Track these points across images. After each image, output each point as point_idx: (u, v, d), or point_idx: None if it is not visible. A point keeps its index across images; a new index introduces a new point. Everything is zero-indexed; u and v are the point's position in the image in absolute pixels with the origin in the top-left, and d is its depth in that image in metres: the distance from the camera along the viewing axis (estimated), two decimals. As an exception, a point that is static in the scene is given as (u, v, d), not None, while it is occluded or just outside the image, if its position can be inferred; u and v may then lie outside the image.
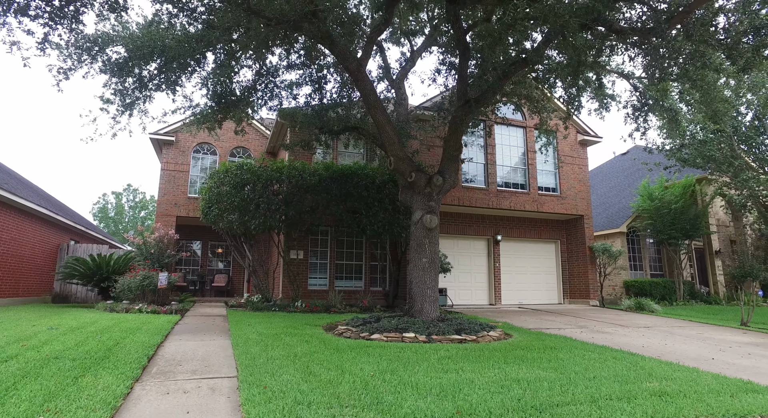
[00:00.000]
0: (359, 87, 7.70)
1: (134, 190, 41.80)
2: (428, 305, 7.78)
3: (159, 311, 9.21)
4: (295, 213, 10.87)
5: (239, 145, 16.46)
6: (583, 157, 15.36)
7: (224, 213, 11.05)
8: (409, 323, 7.28)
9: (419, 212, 7.93)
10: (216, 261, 18.39)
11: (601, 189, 22.46)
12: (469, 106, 7.40)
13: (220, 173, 11.38)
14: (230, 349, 5.69)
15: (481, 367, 4.77)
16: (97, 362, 4.44)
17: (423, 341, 6.48)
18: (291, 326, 7.65)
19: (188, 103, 9.67)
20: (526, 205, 14.24)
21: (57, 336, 5.89)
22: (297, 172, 10.97)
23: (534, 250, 15.46)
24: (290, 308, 10.86)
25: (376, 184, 11.30)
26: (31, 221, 13.64)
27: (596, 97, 9.58)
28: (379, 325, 7.21)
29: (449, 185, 8.06)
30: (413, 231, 8.00)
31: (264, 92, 10.18)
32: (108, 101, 8.30)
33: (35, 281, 14.16)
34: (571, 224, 15.38)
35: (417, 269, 7.85)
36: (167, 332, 6.69)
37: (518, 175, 14.68)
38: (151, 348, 5.33)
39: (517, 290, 14.90)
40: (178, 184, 15.52)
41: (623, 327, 8.91)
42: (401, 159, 7.96)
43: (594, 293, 14.32)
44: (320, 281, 12.70)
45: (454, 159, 8.04)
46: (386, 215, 11.43)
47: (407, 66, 10.81)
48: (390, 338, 6.62)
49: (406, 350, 5.63)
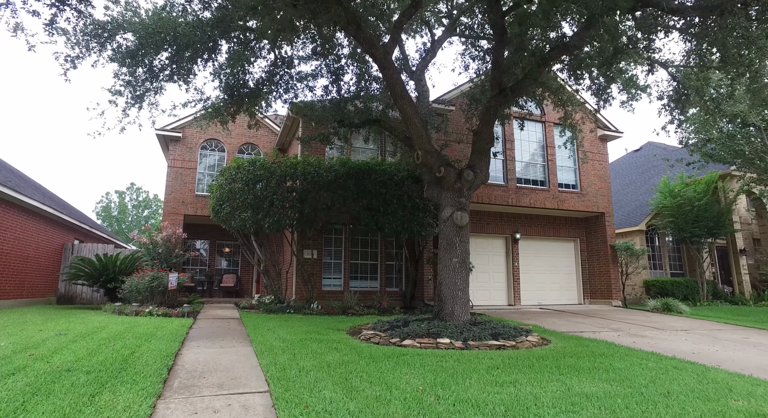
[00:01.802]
0: (385, 76, 7.23)
1: (137, 188, 41.37)
2: (459, 308, 7.32)
3: (170, 314, 8.76)
4: (311, 211, 10.41)
5: (248, 141, 16.00)
6: (604, 153, 14.88)
7: (236, 211, 10.59)
8: (441, 328, 6.82)
9: (449, 209, 7.46)
10: (224, 261, 17.94)
11: (615, 186, 21.96)
12: (504, 95, 6.93)
13: (231, 169, 10.92)
14: (254, 357, 5.23)
15: (538, 379, 4.30)
16: (113, 376, 3.98)
17: (459, 348, 6.02)
18: (313, 331, 7.19)
19: (199, 95, 9.22)
20: (546, 203, 13.77)
21: (67, 344, 5.44)
22: (312, 168, 10.50)
23: (553, 248, 14.99)
24: (305, 309, 10.41)
25: (395, 180, 10.84)
26: (35, 220, 13.20)
27: (626, 88, 9.10)
28: (408, 330, 6.75)
29: (480, 180, 7.59)
30: (442, 229, 7.54)
31: (279, 84, 9.71)
32: (118, 93, 7.84)
33: (40, 282, 13.72)
34: (590, 222, 14.91)
35: (447, 269, 7.39)
36: (183, 338, 6.23)
37: (538, 171, 14.21)
38: (169, 357, 4.87)
39: (536, 290, 14.44)
40: (186, 181, 15.07)
41: (659, 330, 8.44)
42: (429, 153, 7.49)
43: (616, 293, 13.85)
44: (335, 282, 12.24)
45: (485, 152, 7.57)
46: (405, 213, 10.97)
47: (427, 57, 10.33)
48: (424, 345, 6.16)
49: (446, 359, 5.17)
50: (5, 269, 11.64)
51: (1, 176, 12.01)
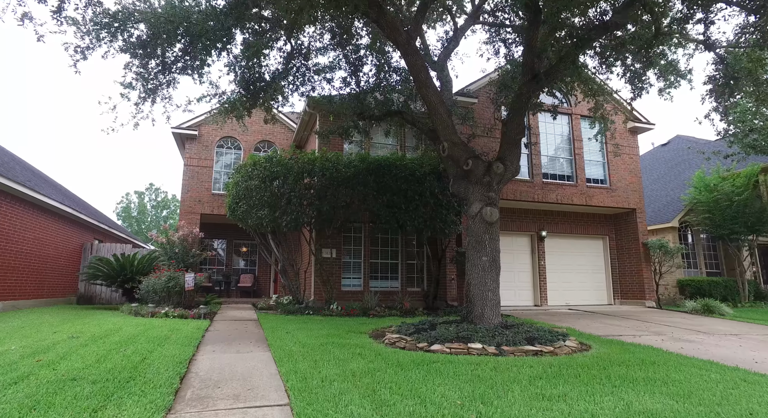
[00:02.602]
0: (408, 62, 6.79)
1: (156, 189, 41.79)
2: (489, 310, 6.85)
3: (186, 316, 8.49)
4: (330, 208, 10.03)
5: (264, 138, 15.74)
6: (634, 146, 14.15)
7: (253, 209, 10.29)
8: (471, 331, 6.36)
9: (477, 204, 6.98)
10: (241, 260, 17.75)
11: (643, 182, 21.07)
12: (537, 80, 6.41)
13: (247, 166, 10.62)
14: (273, 364, 4.85)
15: (590, 392, 3.81)
16: (120, 386, 3.64)
17: (493, 353, 5.55)
18: (334, 334, 6.80)
19: (215, 90, 8.94)
20: (573, 199, 13.14)
21: (77, 348, 5.15)
22: (331, 164, 10.12)
23: (580, 246, 14.34)
24: (324, 310, 10.05)
25: (416, 176, 10.38)
26: (55, 220, 13.16)
27: (665, 74, 8.46)
28: (436, 333, 6.30)
29: (511, 173, 7.09)
30: (470, 226, 7.06)
31: (295, 77, 9.37)
32: (130, 86, 7.58)
33: (60, 282, 13.70)
34: (620, 219, 14.20)
35: (476, 268, 6.92)
36: (198, 342, 5.91)
37: (564, 166, 13.58)
38: (182, 364, 4.53)
39: (564, 290, 13.81)
40: (202, 180, 14.88)
41: (706, 334, 7.81)
42: (456, 144, 7.03)
43: (650, 293, 13.13)
44: (354, 282, 11.85)
45: (515, 143, 7.07)
46: (427, 210, 10.51)
47: (450, 46, 9.84)
48: (454, 350, 5.71)
49: (481, 367, 4.70)
50: (25, 269, 11.59)
51: (22, 176, 11.97)
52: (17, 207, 11.07)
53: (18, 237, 11.15)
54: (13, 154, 15.71)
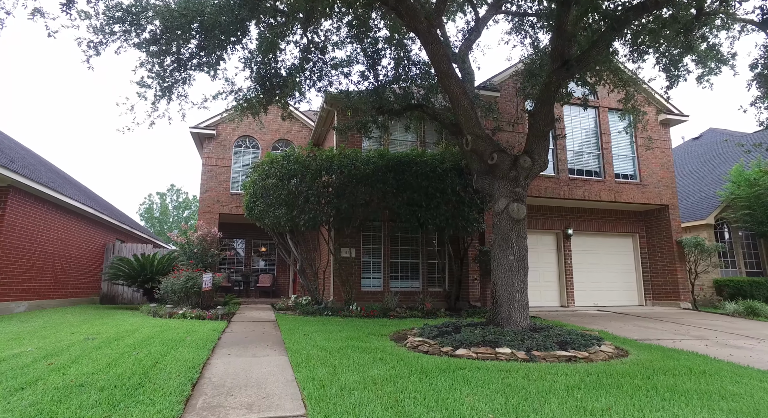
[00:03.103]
0: (429, 52, 6.46)
1: (177, 190, 42.42)
2: (517, 312, 6.47)
3: (204, 316, 8.36)
4: (348, 206, 9.77)
5: (282, 137, 15.62)
6: (666, 139, 13.46)
7: (270, 208, 10.12)
8: (498, 334, 6.00)
9: (503, 201, 6.61)
10: (260, 260, 17.70)
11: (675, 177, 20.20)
12: (567, 68, 6.00)
13: (264, 164, 10.46)
14: (289, 370, 4.61)
15: (636, 406, 3.43)
16: (129, 394, 3.44)
17: (523, 359, 5.19)
18: (353, 337, 6.53)
19: (230, 86, 8.79)
20: (601, 195, 12.57)
21: (90, 351, 5.01)
22: (349, 161, 9.87)
23: (609, 245, 13.73)
24: (344, 311, 9.80)
25: (437, 172, 10.04)
26: (77, 220, 13.30)
27: (705, 59, 7.89)
28: (461, 337, 5.96)
29: (539, 167, 6.69)
30: (496, 223, 6.70)
31: (312, 72, 9.14)
32: (145, 85, 7.47)
33: (83, 282, 13.85)
34: (651, 216, 13.54)
35: (502, 268, 6.55)
36: (214, 345, 5.72)
37: (591, 161, 13.01)
38: (195, 369, 4.32)
39: (591, 290, 13.25)
40: (220, 179, 14.85)
41: (756, 339, 7.24)
42: (480, 138, 6.67)
43: (684, 294, 12.45)
44: (374, 282, 11.58)
45: (543, 136, 6.66)
46: (449, 208, 10.16)
47: (471, 37, 9.46)
48: (480, 355, 5.36)
49: (512, 374, 4.35)
50: (49, 268, 11.72)
51: (46, 177, 12.11)
52: (41, 208, 11.18)
53: (42, 237, 11.27)
54: (40, 156, 16.00)
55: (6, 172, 9.21)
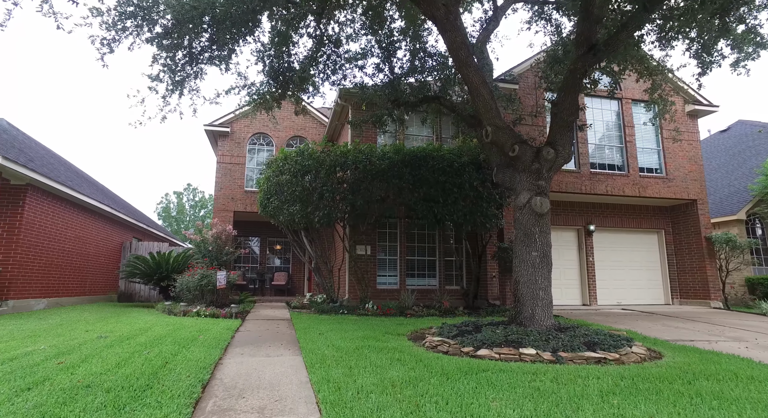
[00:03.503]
0: (447, 40, 6.19)
1: (194, 189, 42.87)
2: (541, 311, 6.17)
3: (218, 315, 8.25)
4: (363, 202, 9.57)
5: (296, 134, 15.50)
6: (694, 131, 12.91)
7: (284, 205, 9.97)
8: (521, 334, 5.72)
9: (525, 194, 6.31)
10: (275, 258, 17.64)
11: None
12: (594, 52, 5.67)
13: (278, 161, 10.31)
14: (304, 370, 4.41)
15: (682, 416, 3.13)
16: (135, 396, 3.28)
17: (549, 361, 4.90)
18: (370, 336, 6.31)
19: (243, 81, 8.66)
20: (625, 189, 12.11)
21: (101, 350, 4.90)
22: (364, 156, 9.65)
23: (632, 241, 13.26)
24: (359, 310, 9.61)
25: (455, 167, 9.75)
26: (95, 218, 13.40)
27: (741, 44, 7.42)
28: (482, 336, 5.70)
29: (563, 159, 6.37)
30: (518, 218, 6.40)
31: (326, 65, 8.94)
32: (157, 79, 7.37)
33: (101, 280, 13.96)
34: (678, 211, 13.01)
35: (525, 265, 6.25)
36: (227, 344, 5.57)
37: (614, 154, 12.55)
38: (206, 370, 4.15)
39: (615, 289, 12.81)
40: (235, 177, 14.80)
41: (795, 340, 6.79)
42: (500, 129, 6.37)
43: (715, 292, 11.92)
44: (390, 280, 11.36)
45: (567, 126, 6.34)
46: (467, 203, 9.86)
47: (489, 27, 9.14)
48: (504, 356, 5.09)
49: (540, 377, 4.08)
50: (68, 266, 11.81)
51: (65, 176, 12.21)
52: (59, 206, 11.25)
53: (60, 235, 11.34)
54: (59, 156, 16.18)
55: (24, 170, 9.25)
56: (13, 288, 9.45)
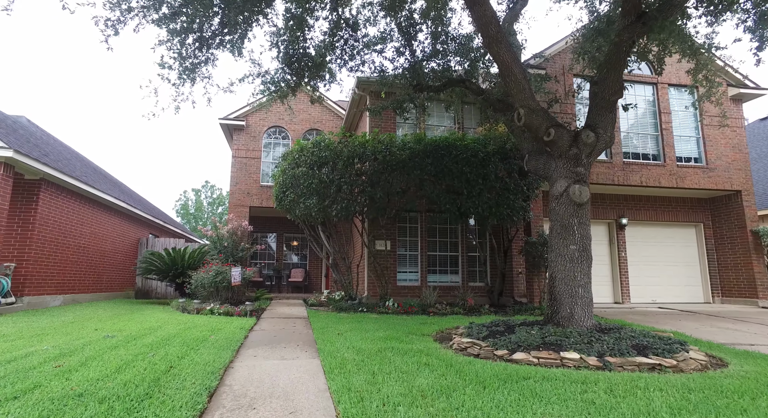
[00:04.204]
0: (475, 15, 5.66)
1: (212, 186, 43.08)
2: (580, 310, 5.61)
3: (232, 313, 7.90)
4: (383, 195, 9.10)
5: (312, 127, 15.12)
6: (738, 117, 12.02)
7: (301, 198, 9.56)
8: (560, 336, 5.18)
9: (562, 182, 5.74)
10: (292, 254, 17.33)
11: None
12: (643, 21, 5.06)
13: (294, 152, 9.91)
14: (322, 376, 3.97)
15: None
16: (131, 407, 2.88)
17: (596, 367, 4.35)
18: (392, 337, 5.85)
19: (257, 69, 8.26)
20: (660, 180, 11.34)
21: (105, 351, 4.55)
22: (384, 146, 9.18)
23: (668, 235, 12.47)
24: (380, 308, 9.15)
25: (480, 157, 9.19)
26: (111, 215, 13.27)
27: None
28: (516, 338, 5.17)
29: (604, 143, 5.78)
30: (554, 209, 5.84)
31: (343, 50, 8.48)
32: (167, 66, 7.03)
33: (117, 276, 13.86)
34: (719, 203, 12.16)
35: (562, 259, 5.69)
36: (239, 344, 5.18)
37: (649, 143, 11.78)
38: (214, 375, 3.75)
39: (648, 286, 12.07)
40: (250, 171, 14.49)
41: None
42: (534, 111, 5.81)
43: (763, 291, 11.08)
44: (411, 276, 10.88)
45: (609, 107, 5.73)
46: (492, 195, 9.30)
47: (517, 5, 8.52)
48: (543, 360, 4.57)
49: (590, 387, 3.55)
50: (84, 263, 11.68)
51: (79, 172, 12.07)
52: (74, 202, 11.10)
53: (75, 231, 11.20)
54: (77, 152, 16.15)
55: (37, 165, 9.07)
56: (28, 284, 9.30)
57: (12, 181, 8.73)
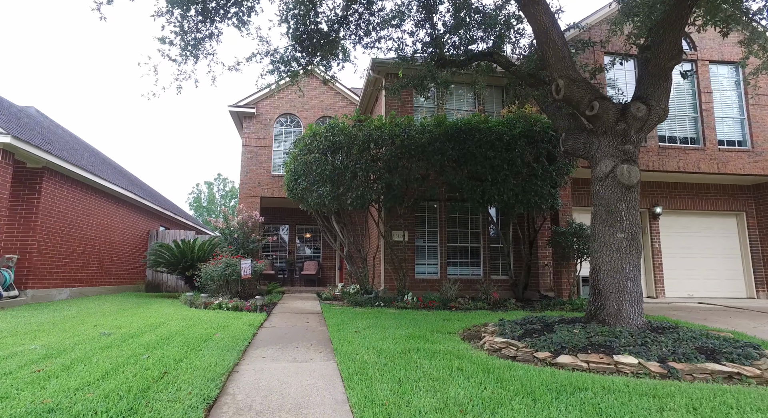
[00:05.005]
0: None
1: (224, 179, 42.93)
2: (629, 306, 4.96)
3: (241, 307, 7.41)
4: (401, 182, 8.50)
5: (325, 114, 14.53)
6: (786, 96, 11.07)
7: (313, 186, 9.01)
8: (608, 336, 4.54)
9: (608, 162, 5.07)
10: (304, 247, 16.85)
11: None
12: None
13: (306, 138, 9.35)
14: (339, 383, 3.41)
15: None
16: (109, 428, 2.35)
17: (659, 374, 3.72)
18: (416, 336, 5.27)
19: (266, 46, 7.68)
20: (700, 166, 10.50)
21: (96, 351, 4.06)
22: (401, 129, 8.55)
23: (706, 226, 11.64)
24: (398, 302, 8.59)
25: (505, 141, 8.51)
26: (119, 206, 12.91)
27: None
28: (558, 338, 4.55)
29: (657, 117, 5.08)
30: (598, 192, 5.17)
31: (358, 25, 7.84)
32: (168, 42, 6.49)
33: (127, 269, 13.53)
34: (765, 190, 11.27)
35: (608, 249, 5.04)
36: (247, 343, 4.65)
37: (687, 125, 10.92)
38: (215, 382, 3.21)
39: (684, 279, 11.29)
40: (261, 161, 13.98)
41: None
42: (575, 82, 5.13)
43: (814, 284, 10.22)
44: (429, 269, 10.28)
45: (664, 74, 5.03)
46: (519, 181, 8.63)
47: (547, -28, 7.76)
48: (594, 366, 3.94)
49: (667, 403, 2.92)
50: (91, 255, 11.33)
51: (85, 161, 11.71)
52: (80, 192, 10.72)
53: (82, 222, 10.84)
54: (87, 143, 15.83)
55: (38, 152, 8.66)
56: (32, 277, 8.94)
57: (12, 169, 8.34)
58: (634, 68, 10.75)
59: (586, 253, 9.12)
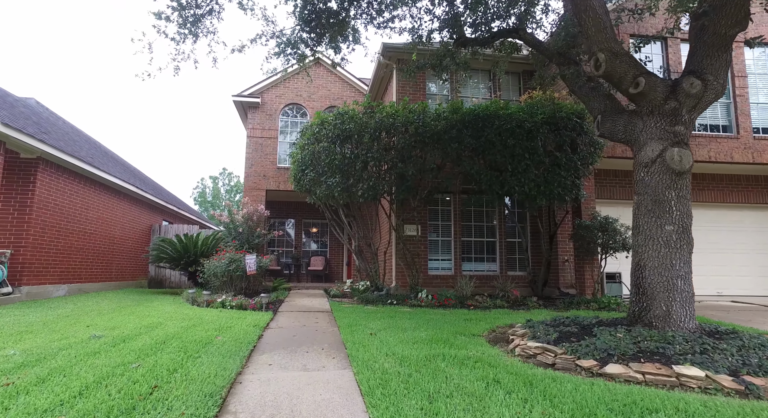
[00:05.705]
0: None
1: (229, 174, 42.52)
2: (679, 307, 4.41)
3: (246, 306, 6.92)
4: (415, 172, 7.96)
5: (332, 104, 13.98)
6: (824, 81, 10.38)
7: (321, 177, 8.49)
8: (659, 341, 4.01)
9: (655, 145, 4.50)
10: (311, 242, 16.37)
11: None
12: None
13: (314, 126, 8.82)
14: (359, 398, 2.90)
15: None
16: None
17: (734, 390, 3.17)
18: (438, 339, 4.75)
19: (271, 27, 7.16)
20: (733, 155, 9.86)
21: (79, 360, 3.57)
22: (415, 116, 8.00)
23: (737, 219, 11.01)
24: (411, 300, 8.08)
25: (526, 128, 7.93)
26: (120, 199, 12.46)
27: None
28: (602, 344, 4.02)
29: (713, 94, 4.50)
30: (643, 179, 4.61)
31: (369, 3, 7.28)
32: (165, 18, 5.97)
33: (129, 264, 13.11)
34: (799, 181, 10.62)
35: (654, 243, 4.49)
36: (251, 348, 4.15)
37: (718, 112, 10.27)
38: (214, 398, 2.71)
39: (713, 275, 10.68)
40: (266, 153, 13.47)
41: None
42: (618, 55, 4.56)
43: None
44: (443, 264, 9.76)
45: (725, 44, 4.44)
46: (540, 171, 8.07)
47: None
48: (651, 377, 3.41)
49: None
50: (90, 250, 10.90)
51: (84, 153, 11.25)
52: (78, 184, 10.27)
53: (80, 216, 10.40)
54: (90, 136, 15.37)
55: (32, 141, 8.19)
56: (27, 273, 8.51)
57: (3, 159, 7.88)
58: (662, 51, 10.10)
59: (612, 248, 8.55)
